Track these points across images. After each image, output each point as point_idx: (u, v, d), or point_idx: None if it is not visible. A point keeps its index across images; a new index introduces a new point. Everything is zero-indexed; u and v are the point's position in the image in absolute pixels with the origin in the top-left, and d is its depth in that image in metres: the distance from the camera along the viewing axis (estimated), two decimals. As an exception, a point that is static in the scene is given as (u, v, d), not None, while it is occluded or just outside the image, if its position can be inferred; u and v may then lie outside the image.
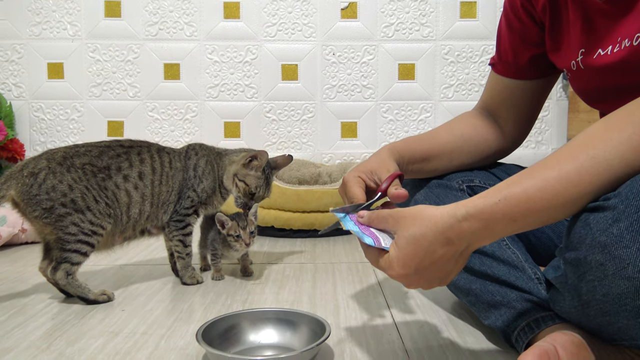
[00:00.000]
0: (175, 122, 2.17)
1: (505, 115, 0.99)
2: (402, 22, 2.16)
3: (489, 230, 0.62)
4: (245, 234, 1.17)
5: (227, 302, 1.08)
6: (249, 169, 1.21)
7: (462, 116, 1.03)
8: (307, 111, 2.18)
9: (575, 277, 0.63)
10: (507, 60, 0.96)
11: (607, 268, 0.57)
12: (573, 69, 0.83)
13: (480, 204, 0.61)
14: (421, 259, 0.63)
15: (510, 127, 1.00)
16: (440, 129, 1.00)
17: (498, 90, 1.00)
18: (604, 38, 0.75)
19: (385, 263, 0.67)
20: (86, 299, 1.06)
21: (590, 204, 0.61)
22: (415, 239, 0.63)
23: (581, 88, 0.86)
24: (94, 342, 0.88)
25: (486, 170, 1.02)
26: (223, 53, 2.15)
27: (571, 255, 0.63)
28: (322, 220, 1.67)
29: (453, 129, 0.99)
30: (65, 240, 1.04)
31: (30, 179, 1.03)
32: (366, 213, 0.72)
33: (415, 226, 0.64)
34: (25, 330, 0.93)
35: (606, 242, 0.57)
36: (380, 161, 0.88)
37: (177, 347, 0.86)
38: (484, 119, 1.00)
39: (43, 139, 2.16)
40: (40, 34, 2.13)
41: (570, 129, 2.18)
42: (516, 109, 0.99)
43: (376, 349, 0.85)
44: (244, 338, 0.85)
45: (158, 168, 1.17)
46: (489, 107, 1.01)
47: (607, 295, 0.58)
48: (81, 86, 2.15)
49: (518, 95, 0.98)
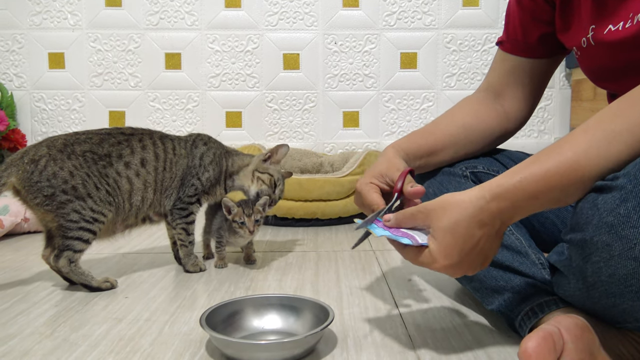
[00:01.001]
0: (177, 112, 2.16)
1: (511, 94, 0.98)
2: (404, 11, 2.14)
3: (516, 208, 0.63)
4: (249, 221, 1.17)
5: (230, 289, 1.08)
6: (268, 163, 1.26)
7: (464, 103, 1.02)
8: (308, 101, 2.17)
9: (581, 259, 0.63)
10: (516, 39, 0.95)
11: (613, 248, 0.57)
12: (583, 46, 0.82)
13: (504, 184, 0.63)
14: (462, 245, 0.65)
15: (515, 107, 0.99)
16: (441, 120, 0.99)
17: (505, 69, 0.98)
18: (615, 13, 0.74)
19: (427, 258, 0.67)
20: (89, 286, 1.06)
21: (598, 183, 0.61)
22: (452, 228, 0.64)
23: (590, 66, 0.85)
24: (98, 328, 0.88)
25: (490, 156, 1.02)
26: (224, 42, 2.14)
27: (577, 236, 0.63)
28: (324, 209, 1.67)
29: (455, 118, 0.98)
30: (67, 228, 1.04)
31: (31, 166, 1.02)
32: (392, 216, 0.73)
33: (447, 216, 0.65)
34: (28, 317, 0.93)
35: (613, 222, 0.57)
36: (388, 162, 0.88)
37: (180, 333, 0.86)
38: (487, 103, 0.99)
39: (44, 129, 2.15)
40: (41, 23, 2.12)
41: (573, 117, 2.17)
42: (522, 88, 0.98)
43: (379, 335, 0.85)
44: (248, 323, 0.85)
45: (161, 154, 1.16)
46: (494, 88, 1.00)
47: (613, 276, 0.58)
48: (82, 76, 2.14)
49: (525, 74, 0.97)
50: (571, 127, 2.20)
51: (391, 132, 2.19)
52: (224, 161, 1.25)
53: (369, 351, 0.79)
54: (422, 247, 0.68)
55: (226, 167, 1.26)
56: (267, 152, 1.26)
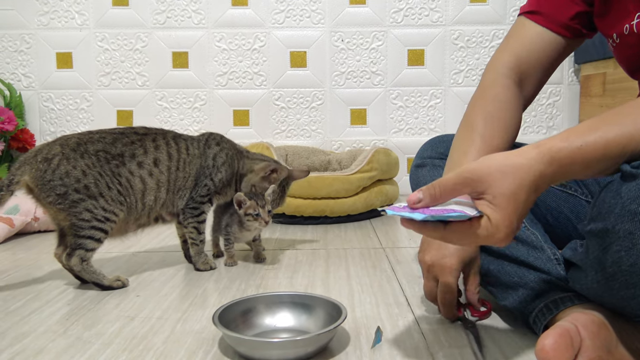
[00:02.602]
0: (184, 110, 2.17)
1: (533, 79, 0.90)
2: (411, 7, 2.14)
3: (567, 173, 0.61)
4: (264, 212, 1.17)
5: (242, 287, 1.08)
6: (267, 181, 1.25)
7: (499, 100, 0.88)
8: (316, 98, 2.17)
9: (600, 250, 0.62)
10: (550, 12, 0.86)
11: (636, 237, 0.56)
12: (625, 33, 0.77)
13: (564, 149, 0.59)
14: (522, 211, 0.60)
15: (531, 89, 0.91)
16: (494, 132, 0.85)
17: (536, 45, 0.88)
18: None
19: (487, 230, 0.59)
20: (101, 284, 1.06)
21: (623, 169, 0.60)
22: (515, 194, 0.58)
23: (629, 56, 0.81)
24: (110, 326, 0.88)
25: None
26: (231, 41, 2.14)
27: (598, 225, 0.62)
28: (334, 207, 1.67)
29: (504, 127, 0.86)
30: (79, 227, 1.04)
31: (44, 164, 1.03)
32: (426, 189, 0.61)
33: (508, 181, 0.58)
34: (41, 316, 0.93)
35: (637, 210, 0.56)
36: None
37: (193, 331, 0.86)
38: (514, 90, 0.88)
39: (53, 128, 2.16)
40: (49, 23, 2.12)
41: (582, 113, 2.16)
42: (544, 72, 0.90)
43: (392, 332, 0.84)
44: (260, 321, 0.85)
45: (175, 154, 1.16)
46: (520, 69, 0.89)
47: (635, 265, 0.57)
48: (90, 76, 2.15)
49: (553, 54, 0.88)
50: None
51: (399, 130, 2.18)
52: (236, 163, 1.25)
53: (381, 349, 0.78)
54: (474, 220, 0.59)
55: (238, 169, 1.26)
56: (269, 169, 1.25)
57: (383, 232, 1.57)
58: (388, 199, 1.80)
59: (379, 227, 1.64)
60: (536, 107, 2.18)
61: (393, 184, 1.87)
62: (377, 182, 1.78)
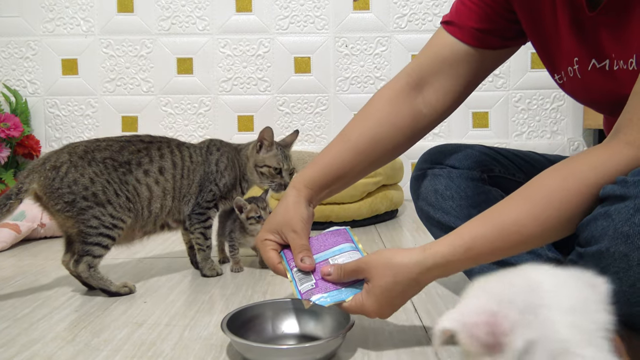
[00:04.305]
0: (189, 116, 2.17)
1: (439, 85, 0.88)
2: (415, 13, 2.14)
3: (451, 272, 0.71)
4: (266, 214, 1.18)
5: (248, 293, 1.08)
6: (263, 152, 1.23)
7: (377, 102, 0.91)
8: (320, 104, 2.18)
9: (599, 271, 0.62)
10: (461, 23, 0.85)
11: (631, 258, 0.56)
12: (570, 76, 0.80)
13: (448, 255, 0.68)
14: (395, 301, 0.73)
15: (438, 101, 0.89)
16: (351, 132, 0.90)
17: (443, 54, 0.87)
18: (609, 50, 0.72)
19: (357, 308, 0.74)
20: (108, 291, 1.07)
21: (606, 191, 0.60)
22: (390, 289, 0.71)
23: (578, 94, 0.84)
24: (119, 333, 0.88)
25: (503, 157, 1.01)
26: (236, 47, 2.15)
27: (592, 249, 0.62)
28: (338, 213, 1.67)
29: (364, 130, 0.89)
30: (87, 234, 1.04)
31: (53, 172, 1.03)
32: (332, 270, 0.77)
33: (388, 276, 0.71)
34: (50, 322, 0.94)
35: (629, 232, 0.56)
36: (286, 211, 0.85)
37: (201, 338, 0.86)
38: (403, 99, 0.89)
39: (58, 135, 2.17)
40: (54, 30, 2.14)
41: (586, 118, 2.16)
42: (455, 80, 0.88)
43: (399, 337, 0.84)
44: (268, 328, 0.85)
45: (179, 162, 1.17)
46: (420, 74, 0.89)
47: (634, 286, 0.58)
48: (95, 82, 2.16)
49: (465, 64, 0.86)
50: (584, 128, 2.19)
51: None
52: (237, 163, 1.26)
53: (389, 354, 0.79)
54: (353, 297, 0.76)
55: (240, 168, 1.26)
56: (256, 142, 1.24)
57: (388, 237, 1.58)
58: (393, 204, 1.81)
59: (384, 232, 1.64)
60: (540, 112, 2.19)
61: (398, 189, 1.87)
62: (382, 187, 1.79)
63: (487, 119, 2.18)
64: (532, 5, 0.81)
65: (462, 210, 0.94)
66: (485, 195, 0.94)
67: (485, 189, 0.95)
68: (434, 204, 0.98)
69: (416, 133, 0.91)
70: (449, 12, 0.91)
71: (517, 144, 2.16)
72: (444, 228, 0.96)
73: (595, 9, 0.72)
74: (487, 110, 2.18)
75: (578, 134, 2.20)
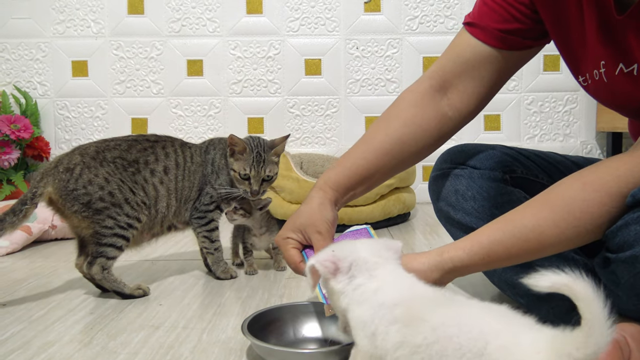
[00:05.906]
0: (199, 118, 2.16)
1: (462, 88, 0.87)
2: (426, 15, 2.13)
3: (469, 272, 0.72)
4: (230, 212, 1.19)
5: (265, 296, 1.07)
6: (235, 157, 1.17)
7: (402, 104, 0.90)
8: (330, 106, 2.16)
9: (631, 276, 0.61)
10: (484, 24, 0.84)
11: None
12: (595, 78, 0.78)
13: (466, 260, 0.69)
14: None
15: (462, 103, 0.88)
16: (375, 134, 0.89)
17: (465, 56, 0.86)
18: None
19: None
20: (122, 293, 1.05)
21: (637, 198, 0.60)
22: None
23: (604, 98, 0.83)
24: (136, 335, 0.87)
25: (525, 157, 1.00)
26: (246, 49, 2.14)
27: (626, 254, 0.62)
28: (351, 215, 1.66)
29: (390, 131, 0.88)
30: (102, 234, 1.03)
31: (67, 174, 1.02)
32: None
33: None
34: (65, 324, 0.92)
35: None
36: (311, 213, 0.83)
37: (219, 341, 0.85)
38: (428, 102, 0.88)
39: (68, 136, 2.17)
40: (64, 32, 2.13)
41: (599, 121, 2.14)
42: (478, 82, 0.87)
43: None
44: (289, 331, 0.83)
45: (181, 162, 1.16)
46: (443, 77, 0.88)
47: None
48: (105, 84, 2.15)
49: (488, 66, 0.86)
50: (597, 131, 2.17)
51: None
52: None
53: None
54: None
55: None
56: (228, 148, 1.17)
57: (401, 240, 1.54)
58: (406, 207, 1.79)
59: (397, 235, 1.62)
60: (552, 114, 2.17)
61: (410, 192, 1.86)
62: (394, 190, 1.77)
63: (499, 122, 2.16)
64: (557, 6, 0.80)
65: (484, 211, 0.92)
66: (508, 196, 0.92)
67: (508, 189, 0.94)
68: (454, 204, 0.97)
69: (442, 135, 0.90)
70: (470, 12, 0.90)
71: (529, 147, 2.12)
72: (465, 229, 0.94)
73: (624, 12, 0.70)
74: (499, 113, 2.16)
75: (591, 137, 2.18)
